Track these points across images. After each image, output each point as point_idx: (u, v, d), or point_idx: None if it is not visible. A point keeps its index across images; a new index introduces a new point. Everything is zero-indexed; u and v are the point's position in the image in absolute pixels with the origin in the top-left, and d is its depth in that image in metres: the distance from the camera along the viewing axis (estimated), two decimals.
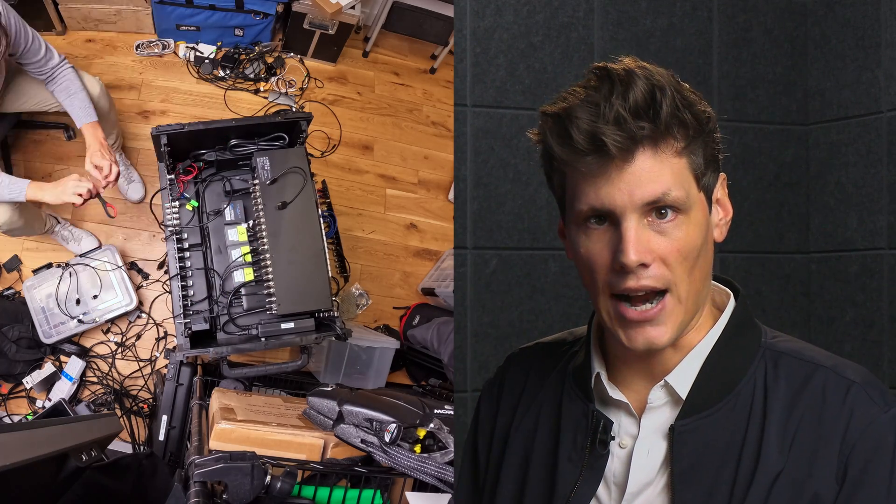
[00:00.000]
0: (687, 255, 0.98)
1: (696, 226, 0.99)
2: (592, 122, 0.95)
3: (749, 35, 2.32)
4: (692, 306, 1.01)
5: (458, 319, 2.10)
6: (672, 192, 0.97)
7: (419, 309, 2.94)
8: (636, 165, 0.96)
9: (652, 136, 0.96)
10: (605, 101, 0.95)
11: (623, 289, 0.98)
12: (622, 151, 0.95)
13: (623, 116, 0.94)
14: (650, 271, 0.97)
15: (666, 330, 0.99)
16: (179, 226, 2.25)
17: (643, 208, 0.97)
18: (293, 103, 3.26)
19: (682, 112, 0.96)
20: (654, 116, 0.95)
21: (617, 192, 0.96)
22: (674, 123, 0.96)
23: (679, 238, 0.98)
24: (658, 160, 0.97)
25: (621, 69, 0.96)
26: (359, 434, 1.41)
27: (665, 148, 0.97)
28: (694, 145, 0.99)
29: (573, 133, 0.96)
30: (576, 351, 1.16)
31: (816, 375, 1.01)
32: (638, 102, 0.94)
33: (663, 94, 0.95)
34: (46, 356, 2.74)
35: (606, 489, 1.06)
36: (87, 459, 1.43)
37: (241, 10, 3.08)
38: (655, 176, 0.96)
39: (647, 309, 0.98)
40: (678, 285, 0.98)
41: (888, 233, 2.18)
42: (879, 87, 2.21)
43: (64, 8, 3.01)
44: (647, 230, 0.97)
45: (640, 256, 0.96)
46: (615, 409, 1.08)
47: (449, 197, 3.25)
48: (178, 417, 2.35)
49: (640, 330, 0.99)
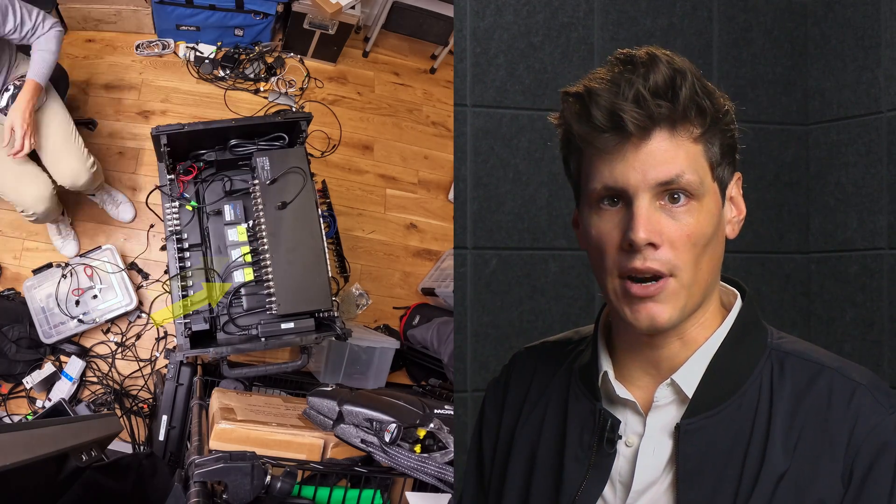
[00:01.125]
0: (696, 241, 0.99)
1: (707, 214, 1.00)
2: (612, 100, 0.96)
3: (749, 35, 2.32)
4: (697, 295, 1.02)
5: (458, 319, 2.10)
6: (685, 174, 0.98)
7: (419, 309, 2.94)
8: (652, 145, 0.97)
9: (670, 118, 0.97)
10: (626, 81, 0.96)
11: (630, 268, 0.99)
12: (640, 129, 0.96)
13: (643, 95, 0.96)
14: (657, 254, 0.98)
15: (667, 309, 0.99)
16: (179, 226, 2.25)
17: (656, 189, 0.98)
18: (293, 103, 3.26)
19: (701, 98, 0.98)
20: (672, 98, 0.96)
21: (631, 170, 0.98)
22: (692, 108, 0.97)
23: (689, 223, 0.98)
24: (674, 143, 0.98)
25: (644, 53, 0.98)
26: (359, 434, 1.41)
27: (682, 131, 0.98)
28: (711, 134, 1.00)
29: (593, 110, 0.98)
30: (582, 349, 1.16)
31: (822, 377, 1.01)
32: (658, 83, 0.96)
33: (683, 79, 0.96)
34: (46, 356, 2.74)
35: (612, 488, 1.06)
36: (87, 459, 1.43)
37: (241, 10, 3.08)
38: (670, 157, 0.97)
39: (649, 285, 0.99)
40: (683, 271, 0.99)
41: (888, 233, 2.18)
42: (879, 87, 2.20)
43: (64, 8, 3.02)
44: (659, 212, 0.98)
45: (649, 235, 0.97)
46: (621, 407, 1.08)
47: (449, 197, 3.25)
48: (178, 417, 2.35)
49: (643, 306, 1.00)
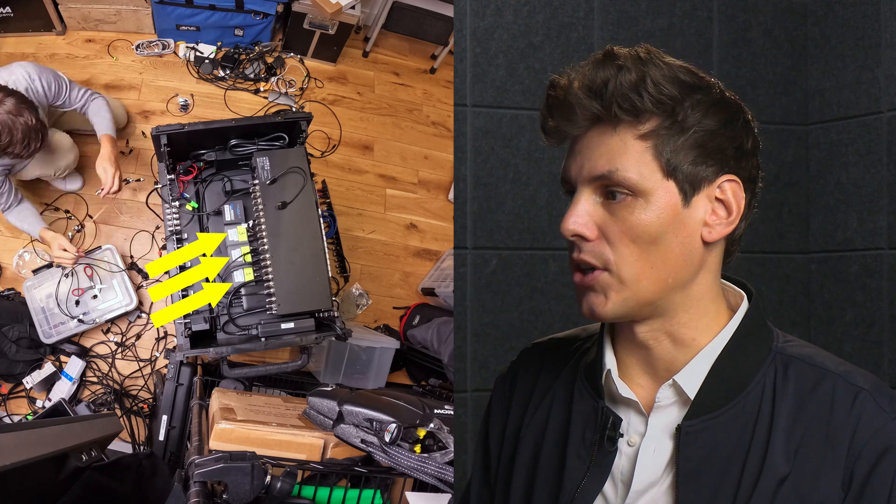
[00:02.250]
0: (636, 237, 0.98)
1: (654, 212, 0.98)
2: (563, 90, 0.99)
3: (749, 35, 2.32)
4: (649, 291, 1.00)
5: (458, 319, 2.10)
6: (619, 171, 0.97)
7: (419, 309, 2.94)
8: (590, 139, 0.99)
9: (601, 114, 0.98)
10: (576, 76, 0.99)
11: (571, 258, 1.02)
12: (569, 124, 1.00)
13: (576, 91, 0.98)
14: (589, 246, 0.99)
15: (605, 301, 1.00)
16: (179, 226, 2.25)
17: (594, 184, 0.99)
18: (293, 103, 3.26)
19: (638, 96, 0.96)
20: (599, 95, 0.97)
21: (573, 163, 1.01)
22: (623, 105, 0.97)
23: (626, 219, 0.98)
24: (617, 138, 0.98)
25: (621, 51, 0.99)
26: (359, 434, 1.41)
27: (625, 128, 0.98)
28: (668, 132, 0.98)
29: (548, 98, 1.01)
30: (588, 347, 1.16)
31: (825, 381, 1.00)
32: (594, 80, 0.97)
33: (625, 75, 0.96)
34: (46, 356, 2.74)
35: (613, 486, 1.06)
36: (87, 459, 1.43)
37: (241, 10, 3.08)
38: (604, 152, 0.98)
39: (584, 275, 1.01)
40: (620, 266, 0.99)
41: (888, 233, 2.18)
42: (879, 87, 2.20)
43: (64, 8, 3.02)
44: (599, 207, 1.00)
45: (575, 227, 0.99)
46: (625, 406, 1.08)
47: (449, 197, 3.25)
48: (178, 417, 2.35)
49: (585, 296, 1.02)
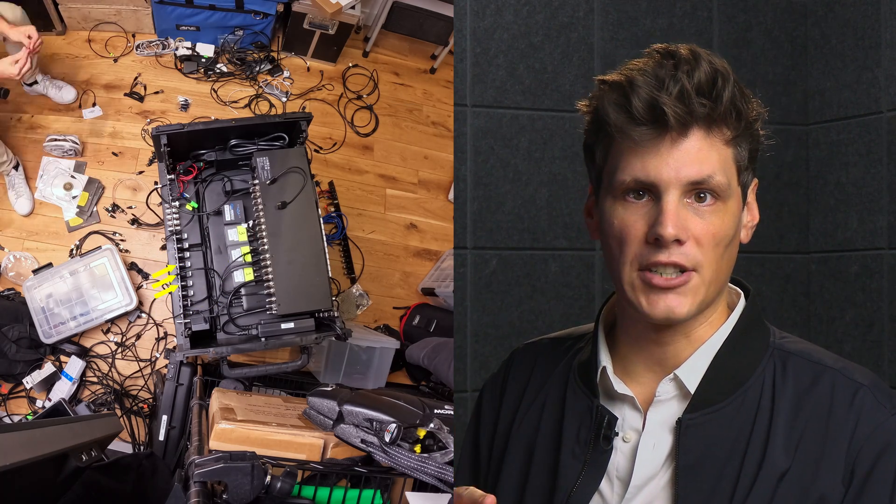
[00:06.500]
0: (720, 241, 1.00)
1: (731, 216, 1.01)
2: (654, 93, 0.97)
3: (749, 35, 2.32)
4: (714, 292, 1.03)
5: (458, 319, 2.09)
6: (716, 176, 0.99)
7: (419, 309, 2.93)
8: (688, 143, 0.98)
9: (709, 117, 0.98)
10: (670, 76, 0.97)
11: (653, 261, 1.00)
12: (679, 126, 0.97)
13: (687, 91, 0.96)
14: (683, 249, 0.99)
15: (686, 302, 1.00)
16: (179, 226, 2.25)
17: (686, 187, 0.99)
18: (285, 99, 3.26)
19: (739, 102, 0.99)
20: (715, 98, 0.97)
21: (665, 166, 0.98)
22: (731, 110, 0.98)
23: (715, 223, 1.00)
24: (709, 143, 0.99)
25: (687, 50, 0.99)
26: (359, 434, 1.40)
27: (717, 133, 0.99)
28: (742, 138, 1.01)
29: (633, 100, 0.98)
30: (581, 346, 1.17)
31: (824, 377, 1.01)
32: (702, 81, 0.97)
33: (726, 80, 0.98)
34: (46, 356, 2.73)
35: (609, 484, 1.06)
36: (87, 459, 1.43)
37: (241, 10, 3.07)
38: (704, 157, 0.98)
39: (673, 277, 1.00)
40: (705, 268, 1.00)
41: (888, 233, 2.18)
42: (879, 87, 2.20)
43: (64, 8, 3.01)
44: (686, 210, 0.99)
45: (677, 231, 0.98)
46: (619, 403, 1.08)
47: (449, 197, 3.24)
48: (178, 417, 2.34)
49: (663, 297, 1.00)
